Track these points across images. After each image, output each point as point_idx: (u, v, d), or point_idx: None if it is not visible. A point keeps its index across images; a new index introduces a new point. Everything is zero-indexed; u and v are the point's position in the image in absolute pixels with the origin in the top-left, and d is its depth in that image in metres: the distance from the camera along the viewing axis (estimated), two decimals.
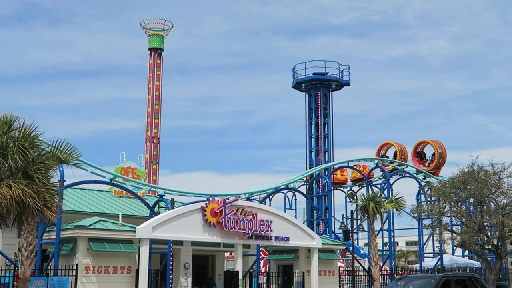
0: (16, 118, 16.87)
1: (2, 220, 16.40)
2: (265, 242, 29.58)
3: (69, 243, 24.76)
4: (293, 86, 51.74)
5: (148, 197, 36.68)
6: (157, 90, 48.75)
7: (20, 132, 16.52)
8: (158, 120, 48.19)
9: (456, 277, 20.64)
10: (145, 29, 49.84)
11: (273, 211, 30.38)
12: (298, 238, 30.69)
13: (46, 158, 16.94)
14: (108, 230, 25.11)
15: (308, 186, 47.50)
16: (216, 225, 27.02)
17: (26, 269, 18.82)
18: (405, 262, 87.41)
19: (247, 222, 28.04)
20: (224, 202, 27.37)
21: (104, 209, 32.31)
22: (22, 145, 16.05)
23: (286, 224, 30.23)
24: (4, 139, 15.98)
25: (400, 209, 34.24)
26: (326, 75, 50.73)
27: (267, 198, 40.78)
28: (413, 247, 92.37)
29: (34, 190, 15.97)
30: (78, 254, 24.22)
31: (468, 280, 20.88)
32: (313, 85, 50.85)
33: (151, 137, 47.30)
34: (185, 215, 26.44)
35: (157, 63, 49.06)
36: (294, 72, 51.51)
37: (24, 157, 16.25)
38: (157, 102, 48.46)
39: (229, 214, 27.37)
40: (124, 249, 25.20)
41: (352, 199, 39.15)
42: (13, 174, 16.15)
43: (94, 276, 24.30)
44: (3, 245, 27.67)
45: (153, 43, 49.33)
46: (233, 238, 27.90)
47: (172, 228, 25.90)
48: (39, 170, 16.42)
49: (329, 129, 50.59)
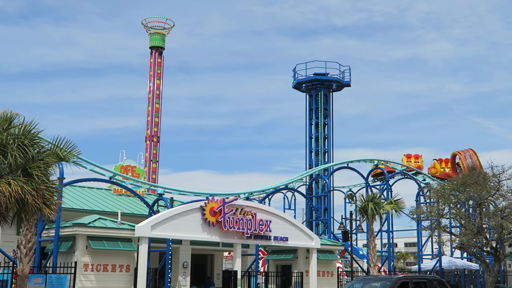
0: (17, 115, 16.85)
1: (1, 217, 16.36)
2: (264, 242, 29.57)
3: (68, 241, 24.75)
4: (294, 86, 51.69)
5: (148, 195, 36.66)
6: (158, 88, 48.76)
7: (20, 130, 16.51)
8: (158, 119, 48.21)
9: (415, 280, 19.37)
10: (146, 28, 49.88)
11: (273, 211, 30.37)
12: (297, 238, 30.70)
13: (45, 155, 16.93)
14: (107, 228, 25.10)
15: (308, 186, 47.48)
16: (215, 224, 27.01)
17: (24, 267, 18.84)
18: (403, 263, 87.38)
19: (246, 221, 28.03)
20: (224, 202, 27.36)
21: (103, 207, 32.29)
22: (22, 142, 16.04)
23: (285, 224, 30.23)
24: (4, 136, 15.97)
25: (400, 211, 34.28)
26: (327, 76, 50.67)
27: (267, 198, 40.75)
28: (412, 249, 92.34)
29: (33, 188, 15.96)
30: (77, 252, 24.21)
31: (428, 282, 19.57)
32: (313, 85, 50.80)
33: (151, 135, 47.33)
34: (184, 214, 26.43)
35: (157, 61, 49.07)
36: (294, 72, 51.49)
37: (23, 155, 16.24)
38: (157, 100, 48.48)
39: (228, 214, 27.36)
40: (123, 247, 25.19)
41: (351, 200, 39.11)
42: (13, 171, 16.15)
43: (92, 274, 24.30)
44: (2, 242, 27.64)
45: (154, 42, 49.39)
46: (232, 238, 27.90)
47: (171, 227, 25.89)
48: (39, 167, 16.41)
49: (329, 129, 50.56)
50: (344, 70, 51.44)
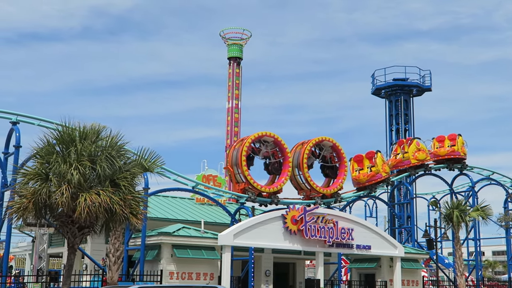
0: (104, 128, 17.42)
1: (91, 227, 16.96)
2: (346, 250, 29.28)
3: (154, 249, 25.34)
4: (373, 92, 51.00)
5: (229, 204, 37.07)
6: (236, 98, 49.30)
7: (107, 141, 17.05)
8: (237, 129, 48.70)
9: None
10: (224, 39, 50.57)
11: (354, 219, 30.08)
12: (380, 246, 30.22)
13: (131, 166, 17.36)
14: (191, 237, 25.54)
15: (389, 193, 46.66)
16: (296, 232, 26.99)
17: (113, 274, 19.42)
18: (491, 272, 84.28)
19: (328, 230, 27.86)
20: (305, 210, 27.32)
21: (187, 216, 32.90)
22: (109, 154, 16.53)
23: (367, 232, 29.84)
24: (92, 148, 16.53)
25: (487, 218, 33.11)
26: (407, 81, 49.73)
27: (347, 206, 40.33)
28: (501, 257, 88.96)
29: (120, 198, 16.40)
30: (163, 260, 24.76)
31: None
32: (393, 91, 49.95)
33: (231, 145, 47.76)
34: (266, 223, 26.56)
35: (236, 72, 49.65)
36: (373, 78, 50.82)
37: (111, 166, 16.73)
38: (237, 110, 49.01)
39: (310, 222, 27.29)
40: (207, 255, 25.56)
41: (435, 207, 38.08)
42: (101, 182, 16.66)
43: (178, 282, 24.73)
44: (92, 250, 28.64)
45: (232, 52, 49.97)
46: (314, 246, 27.79)
47: (253, 235, 26.06)
48: (125, 178, 16.83)
49: (410, 135, 49.46)
50: (424, 75, 50.32)
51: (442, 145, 40.28)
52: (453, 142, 40.10)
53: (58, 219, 16.68)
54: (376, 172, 35.68)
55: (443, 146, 40.27)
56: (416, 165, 39.25)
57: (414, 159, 38.90)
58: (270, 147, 31.72)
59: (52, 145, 16.48)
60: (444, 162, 40.53)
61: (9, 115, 26.42)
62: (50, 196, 15.82)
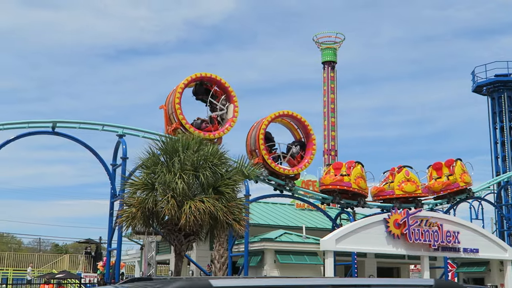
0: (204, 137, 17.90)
1: (196, 234, 17.44)
2: (453, 254, 28.41)
3: (257, 255, 25.64)
4: (473, 90, 49.24)
5: (329, 209, 36.89)
6: (332, 102, 49.06)
7: (209, 150, 17.49)
8: (334, 133, 48.43)
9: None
10: (318, 43, 50.51)
11: (460, 221, 29.19)
12: (488, 249, 29.10)
13: (233, 173, 17.73)
14: (293, 242, 25.65)
15: (496, 194, 44.81)
16: (400, 236, 26.48)
17: None
18: None
19: (432, 233, 27.15)
20: (407, 213, 26.77)
21: (288, 222, 33.03)
22: (212, 162, 16.96)
23: (474, 235, 28.83)
24: (195, 157, 17.01)
25: None
26: (510, 76, 47.69)
27: (451, 209, 39.10)
28: None
29: (224, 205, 16.78)
30: (266, 266, 25.01)
31: None
32: (495, 87, 47.99)
33: (329, 149, 47.62)
34: (367, 227, 26.26)
35: (330, 76, 49.44)
36: (473, 75, 49.06)
37: (213, 174, 17.15)
38: (333, 114, 48.75)
39: (413, 226, 26.70)
40: (309, 261, 25.58)
41: None
42: (204, 190, 17.10)
43: None
44: (197, 257, 29.34)
45: (325, 57, 49.79)
46: (418, 250, 27.16)
47: (355, 240, 25.83)
48: (227, 185, 17.21)
49: None
50: None
51: (440, 175, 31.44)
52: (451, 171, 31.41)
53: (165, 227, 17.28)
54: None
55: (441, 176, 31.35)
56: (409, 200, 30.57)
57: (399, 189, 29.77)
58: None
59: (156, 156, 17.12)
60: (443, 197, 32.33)
61: (116, 128, 27.54)
62: (157, 204, 16.44)
